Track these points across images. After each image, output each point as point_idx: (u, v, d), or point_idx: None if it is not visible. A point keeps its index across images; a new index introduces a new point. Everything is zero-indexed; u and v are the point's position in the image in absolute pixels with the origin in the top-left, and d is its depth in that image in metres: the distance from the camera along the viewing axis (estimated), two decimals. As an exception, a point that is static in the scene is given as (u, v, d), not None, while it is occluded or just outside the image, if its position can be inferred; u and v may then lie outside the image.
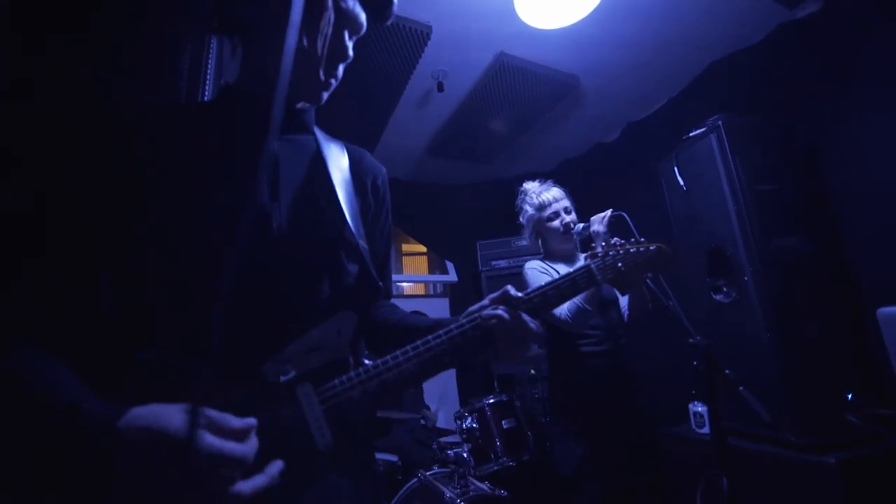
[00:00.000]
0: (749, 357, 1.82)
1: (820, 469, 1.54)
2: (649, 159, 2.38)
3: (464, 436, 2.11)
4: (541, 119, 2.97)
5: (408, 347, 0.64)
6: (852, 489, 1.48)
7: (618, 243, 0.87)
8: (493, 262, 3.60)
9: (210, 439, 0.47)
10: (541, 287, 0.74)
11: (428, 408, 3.09)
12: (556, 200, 1.92)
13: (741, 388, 1.06)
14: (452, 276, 4.02)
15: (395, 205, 0.89)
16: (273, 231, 0.65)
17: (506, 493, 1.85)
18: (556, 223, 1.87)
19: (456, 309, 4.09)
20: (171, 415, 0.48)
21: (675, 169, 2.18)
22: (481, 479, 2.05)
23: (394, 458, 2.41)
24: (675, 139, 2.20)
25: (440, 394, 3.50)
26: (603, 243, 0.86)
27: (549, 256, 1.96)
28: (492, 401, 2.13)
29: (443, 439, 2.59)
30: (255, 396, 0.56)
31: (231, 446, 0.48)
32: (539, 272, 1.80)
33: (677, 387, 2.09)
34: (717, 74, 2.53)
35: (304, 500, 0.58)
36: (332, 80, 0.74)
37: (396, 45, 2.18)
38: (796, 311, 1.77)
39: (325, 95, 0.75)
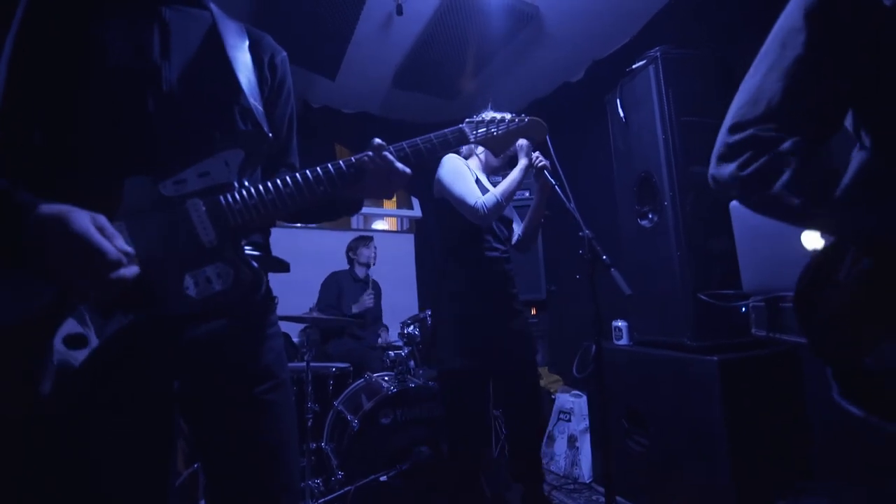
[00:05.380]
0: (664, 275, 2.00)
1: (704, 366, 1.76)
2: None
3: (405, 340, 2.31)
4: (504, 51, 3.00)
5: (287, 177, 0.76)
6: (727, 382, 1.71)
7: (495, 118, 0.97)
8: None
9: (98, 238, 0.61)
10: (413, 140, 0.86)
11: (386, 328, 3.30)
12: None
13: (612, 269, 1.22)
14: (417, 212, 4.14)
15: (364, 138, 0.92)
16: (162, 84, 0.74)
17: (434, 385, 2.06)
18: None
19: (421, 243, 4.23)
20: (80, 214, 0.61)
21: (618, 101, 2.27)
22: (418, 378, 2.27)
23: (345, 364, 2.63)
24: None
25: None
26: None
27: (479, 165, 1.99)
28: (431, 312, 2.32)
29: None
30: (152, 206, 0.70)
31: (109, 247, 0.62)
32: (461, 163, 1.87)
33: (606, 311, 2.29)
34: (681, 7, 2.54)
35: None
36: None
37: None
38: (707, 231, 1.94)
39: None
